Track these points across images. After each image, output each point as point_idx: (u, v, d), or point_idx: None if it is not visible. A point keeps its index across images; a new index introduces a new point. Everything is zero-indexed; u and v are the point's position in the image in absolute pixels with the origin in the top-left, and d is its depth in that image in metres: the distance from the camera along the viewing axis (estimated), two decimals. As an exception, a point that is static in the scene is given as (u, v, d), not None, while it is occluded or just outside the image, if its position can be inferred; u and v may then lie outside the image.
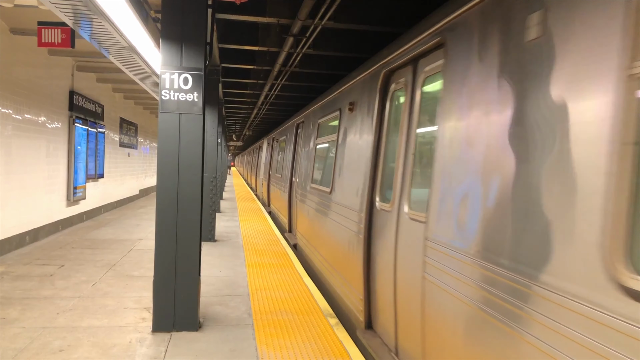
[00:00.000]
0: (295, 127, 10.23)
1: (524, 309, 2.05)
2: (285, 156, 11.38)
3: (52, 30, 6.87)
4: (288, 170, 10.43)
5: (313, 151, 7.81)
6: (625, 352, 1.56)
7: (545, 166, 2.01)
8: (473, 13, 2.82)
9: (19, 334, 4.36)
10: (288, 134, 11.34)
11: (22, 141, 8.16)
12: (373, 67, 4.72)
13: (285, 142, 11.73)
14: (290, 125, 11.25)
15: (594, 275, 1.70)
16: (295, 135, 10.13)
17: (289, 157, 10.52)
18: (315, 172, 7.56)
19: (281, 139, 12.93)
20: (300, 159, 8.99)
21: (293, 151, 10.21)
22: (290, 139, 10.74)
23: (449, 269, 2.77)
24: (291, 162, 10.22)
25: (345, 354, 4.19)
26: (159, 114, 4.53)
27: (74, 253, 7.96)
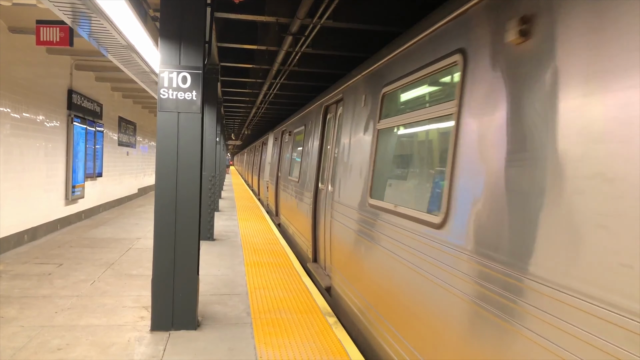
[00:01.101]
0: (323, 110, 7.43)
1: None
2: (306, 153, 8.58)
3: (50, 28, 6.86)
4: (312, 173, 7.65)
5: (371, 143, 4.74)
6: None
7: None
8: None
9: (17, 333, 4.36)
10: (310, 122, 8.61)
11: (21, 140, 8.15)
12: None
13: (306, 134, 8.87)
14: (313, 110, 8.40)
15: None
16: (324, 123, 7.47)
17: (313, 155, 7.82)
18: (379, 178, 4.59)
19: (297, 130, 10.15)
20: (341, 156, 5.81)
21: (320, 146, 7.46)
22: (314, 129, 8.05)
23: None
24: (317, 161, 7.46)
25: (344, 353, 4.19)
26: (158, 112, 4.52)
27: (73, 252, 7.95)
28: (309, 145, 8.35)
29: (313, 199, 7.36)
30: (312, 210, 7.33)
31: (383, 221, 4.07)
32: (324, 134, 7.41)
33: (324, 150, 7.32)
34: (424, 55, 3.56)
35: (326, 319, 5.04)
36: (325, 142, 7.32)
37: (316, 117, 7.91)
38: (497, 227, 2.38)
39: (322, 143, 7.41)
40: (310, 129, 8.48)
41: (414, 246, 3.30)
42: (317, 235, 7.12)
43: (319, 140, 7.54)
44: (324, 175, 7.04)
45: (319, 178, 7.33)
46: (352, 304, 4.91)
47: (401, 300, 3.46)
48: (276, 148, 13.92)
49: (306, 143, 8.71)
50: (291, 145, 10.77)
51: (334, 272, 5.82)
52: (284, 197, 11.01)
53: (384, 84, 4.49)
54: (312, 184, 7.53)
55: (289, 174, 10.38)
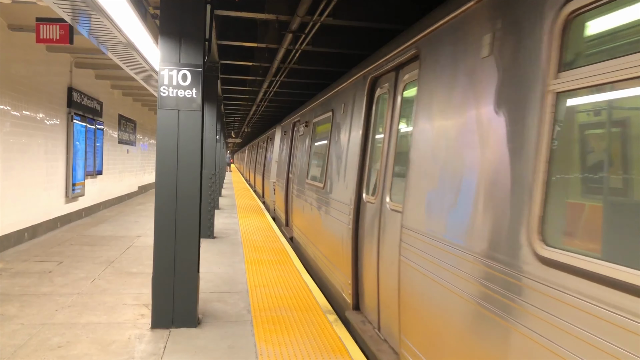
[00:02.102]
0: (369, 86, 5.00)
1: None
2: (336, 149, 6.20)
3: (50, 26, 6.85)
4: (349, 177, 5.35)
5: (529, 120, 2.30)
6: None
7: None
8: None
9: (17, 331, 4.36)
10: (341, 105, 6.18)
11: (21, 138, 8.14)
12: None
13: (335, 123, 6.47)
14: (348, 88, 5.93)
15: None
16: (370, 103, 5.03)
17: (350, 151, 5.49)
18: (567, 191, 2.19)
19: (317, 119, 7.85)
20: (419, 152, 3.54)
21: (364, 137, 5.07)
22: (351, 114, 5.64)
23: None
24: (359, 159, 5.06)
25: (344, 350, 4.20)
26: (158, 110, 4.52)
27: (73, 250, 7.95)
28: (342, 137, 5.95)
29: (353, 217, 5.00)
30: (353, 234, 5.01)
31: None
32: (371, 119, 4.96)
33: (370, 143, 4.95)
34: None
35: (326, 316, 5.04)
36: (372, 131, 4.92)
37: (354, 98, 5.54)
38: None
39: (368, 133, 5.00)
40: (343, 115, 6.04)
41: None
42: (362, 271, 4.79)
43: (361, 129, 5.08)
44: (370, 180, 4.82)
45: (363, 185, 4.97)
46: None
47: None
48: (286, 143, 11.74)
49: (336, 135, 6.27)
50: (309, 138, 8.43)
51: (404, 334, 3.48)
52: (299, 204, 8.68)
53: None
54: (349, 193, 5.23)
55: (307, 176, 8.10)
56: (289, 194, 10.44)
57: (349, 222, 5.16)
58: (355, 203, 5.02)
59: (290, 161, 10.66)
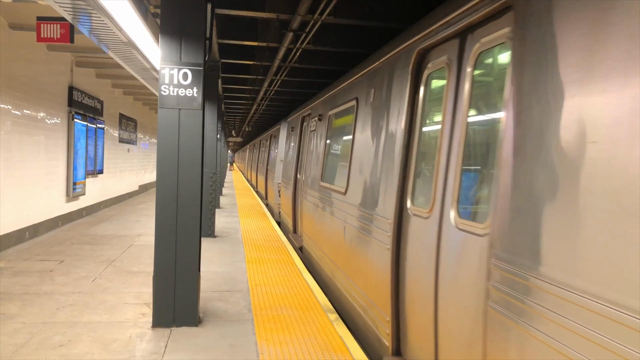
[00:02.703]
0: (414, 63, 3.92)
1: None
2: (362, 146, 5.10)
3: (51, 25, 6.85)
4: (386, 182, 4.24)
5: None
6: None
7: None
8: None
9: (19, 330, 4.37)
10: (370, 91, 5.01)
11: (22, 137, 8.15)
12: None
13: (360, 114, 5.34)
14: (381, 68, 4.74)
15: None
16: (415, 85, 3.96)
17: (386, 148, 4.36)
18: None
19: (335, 110, 6.66)
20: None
21: (407, 131, 3.97)
22: (385, 101, 4.52)
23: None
24: (401, 159, 3.95)
25: (345, 349, 4.20)
26: (159, 109, 4.52)
27: (74, 249, 7.96)
28: (371, 130, 4.81)
29: (394, 234, 3.86)
30: (393, 257, 3.84)
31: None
32: (417, 105, 3.82)
33: (416, 137, 3.79)
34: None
35: (327, 315, 5.05)
36: (419, 120, 3.77)
37: (389, 80, 4.38)
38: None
39: (412, 124, 3.86)
40: (372, 103, 4.84)
41: None
42: (407, 308, 3.66)
43: (402, 119, 3.94)
44: (417, 186, 3.76)
45: (406, 192, 3.84)
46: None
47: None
48: (293, 141, 10.54)
49: (362, 128, 5.13)
50: (323, 134, 7.23)
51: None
52: (311, 211, 7.60)
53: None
54: (385, 202, 4.13)
55: (321, 178, 6.98)
56: (297, 198, 9.24)
57: (388, 241, 3.94)
58: (395, 216, 3.85)
59: (299, 160, 9.55)
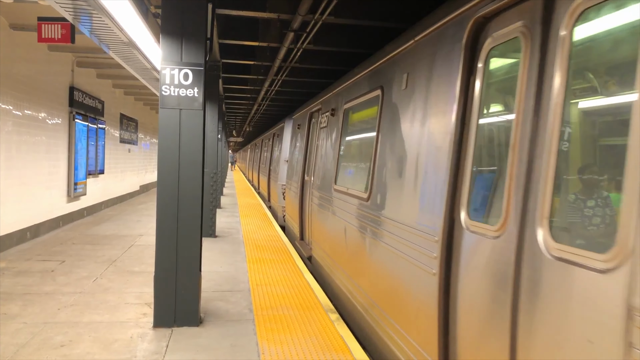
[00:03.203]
0: (468, 37, 3.04)
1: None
2: (387, 142, 4.34)
3: (52, 25, 6.86)
4: (428, 185, 3.42)
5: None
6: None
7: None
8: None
9: (20, 330, 4.37)
10: (397, 78, 4.28)
11: (23, 137, 8.16)
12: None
13: (385, 106, 4.51)
14: (410, 51, 4.05)
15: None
16: (470, 66, 3.06)
17: (426, 144, 3.51)
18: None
19: (351, 103, 5.83)
20: None
21: (458, 123, 3.08)
22: (411, 91, 3.91)
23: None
24: (450, 156, 3.09)
25: (346, 349, 4.20)
26: (160, 109, 4.52)
27: (75, 249, 7.97)
28: (403, 124, 3.98)
29: (442, 255, 3.05)
30: (441, 284, 3.05)
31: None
32: (473, 90, 2.99)
33: (473, 131, 2.95)
34: None
35: (328, 315, 5.05)
36: (477, 110, 2.94)
37: (430, 61, 3.57)
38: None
39: (466, 114, 3.05)
40: (405, 92, 4.01)
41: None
42: (464, 354, 2.88)
43: (452, 108, 3.11)
44: (475, 193, 2.95)
45: (459, 201, 3.01)
46: None
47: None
48: (300, 139, 9.72)
49: (390, 121, 4.29)
50: (337, 130, 6.35)
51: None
52: (323, 217, 6.77)
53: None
54: (428, 213, 3.30)
55: (335, 181, 6.16)
56: (305, 202, 8.46)
57: (433, 265, 3.10)
58: (444, 232, 3.02)
59: (306, 160, 8.68)
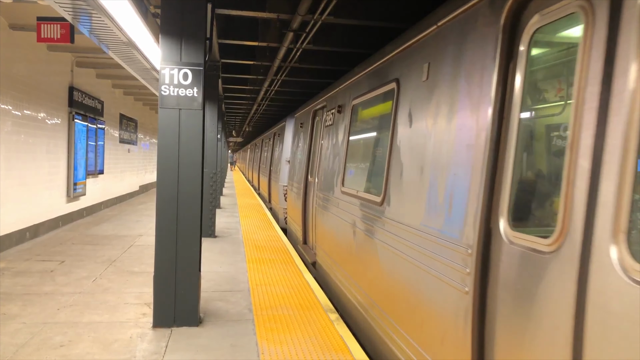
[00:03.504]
0: (508, 15, 2.60)
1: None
2: (405, 141, 3.89)
3: (51, 25, 6.85)
4: (457, 189, 2.95)
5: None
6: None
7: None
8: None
9: (19, 330, 4.37)
10: (416, 69, 3.83)
11: (22, 137, 8.15)
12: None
13: (403, 101, 3.99)
14: (432, 39, 3.57)
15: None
16: (508, 50, 2.62)
17: (453, 142, 3.06)
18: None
19: (362, 99, 5.36)
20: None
21: (496, 118, 2.62)
22: (433, 82, 3.46)
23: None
24: (487, 155, 2.64)
25: (345, 349, 4.20)
26: (159, 109, 4.52)
27: (75, 249, 7.96)
28: (424, 120, 3.55)
29: (476, 275, 2.62)
30: (475, 307, 2.62)
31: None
32: (514, 78, 2.56)
33: (514, 127, 2.51)
34: None
35: (328, 315, 5.04)
36: (519, 102, 2.51)
37: (460, 46, 3.12)
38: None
39: (504, 107, 2.61)
40: (425, 84, 3.56)
41: None
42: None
43: (489, 100, 2.67)
44: (518, 201, 2.51)
45: (498, 208, 2.55)
46: None
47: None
48: (302, 138, 9.37)
49: (408, 117, 3.84)
50: (345, 128, 5.95)
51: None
52: (328, 221, 6.35)
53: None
54: (458, 222, 2.86)
55: (342, 182, 5.76)
56: (308, 204, 8.13)
57: (466, 282, 2.66)
58: (479, 243, 2.59)
59: (310, 161, 8.36)
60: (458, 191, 2.91)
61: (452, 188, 2.98)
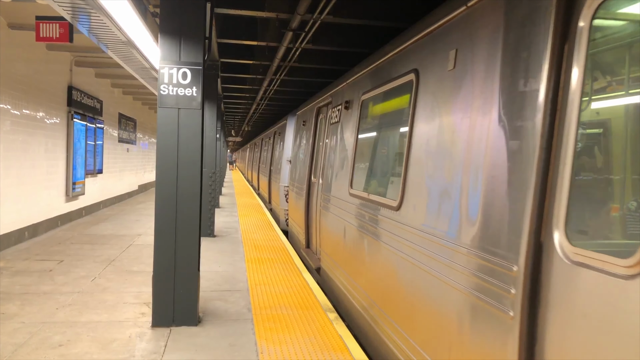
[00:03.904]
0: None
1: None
2: (425, 139, 3.47)
3: (50, 24, 6.84)
4: (497, 194, 2.50)
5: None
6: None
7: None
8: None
9: (18, 329, 4.36)
10: (441, 56, 3.36)
11: (21, 137, 8.14)
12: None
13: (424, 94, 3.57)
14: (462, 19, 3.11)
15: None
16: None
17: (489, 140, 2.62)
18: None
19: (374, 93, 4.95)
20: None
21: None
22: (462, 71, 3.01)
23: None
24: (538, 153, 2.19)
25: (344, 348, 4.20)
26: (158, 109, 4.52)
27: (73, 248, 7.95)
28: (456, 115, 3.05)
29: (524, 297, 2.19)
30: (522, 341, 2.19)
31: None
32: (569, 64, 2.14)
33: (572, 122, 2.08)
34: None
35: (327, 314, 5.04)
36: (578, 92, 2.07)
37: (498, 28, 2.65)
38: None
39: (555, 100, 2.17)
40: (456, 71, 3.10)
41: None
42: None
43: (541, 89, 2.22)
44: (581, 210, 2.09)
45: (546, 219, 2.16)
46: None
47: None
48: (304, 137, 9.00)
49: (430, 112, 3.44)
50: (353, 126, 5.57)
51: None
52: (334, 225, 5.98)
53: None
54: (501, 234, 2.41)
55: (350, 184, 5.34)
56: (312, 206, 7.78)
57: (511, 306, 2.25)
58: (528, 260, 2.18)
59: (313, 160, 8.03)
60: (497, 197, 2.46)
61: (490, 193, 2.54)
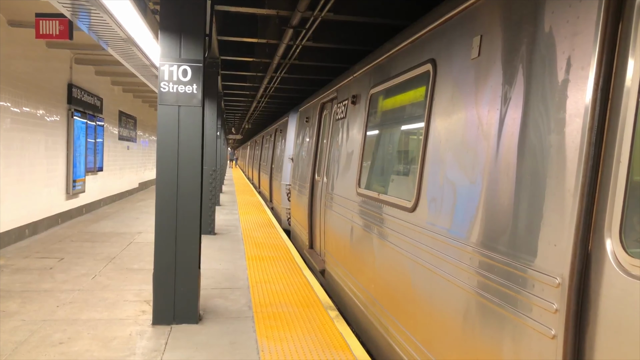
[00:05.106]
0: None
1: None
2: (445, 136, 3.16)
3: (50, 21, 6.82)
4: (543, 194, 2.15)
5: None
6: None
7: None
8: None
9: (18, 327, 4.36)
10: (461, 44, 3.04)
11: (21, 134, 8.13)
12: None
13: (442, 85, 3.25)
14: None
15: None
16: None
17: (527, 138, 2.30)
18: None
19: (384, 87, 4.58)
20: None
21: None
22: (490, 59, 2.68)
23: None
24: (586, 158, 1.91)
25: (345, 346, 4.20)
26: (158, 106, 4.51)
27: (74, 246, 7.95)
28: (483, 109, 2.71)
29: (567, 314, 1.92)
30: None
31: None
32: (623, 43, 1.86)
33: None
34: None
35: (327, 312, 5.04)
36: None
37: (534, 8, 2.32)
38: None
39: (610, 91, 1.89)
40: (481, 60, 2.78)
41: None
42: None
43: (591, 77, 1.93)
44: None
45: (596, 225, 1.89)
46: None
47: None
48: (307, 134, 8.69)
49: (451, 106, 3.11)
50: (360, 121, 5.28)
51: None
52: (340, 226, 5.75)
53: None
54: (536, 240, 2.15)
55: (358, 183, 5.06)
56: (316, 206, 7.49)
57: (553, 323, 2.00)
58: (573, 272, 1.92)
59: (317, 158, 7.74)
60: (535, 199, 2.19)
61: (524, 195, 2.26)
